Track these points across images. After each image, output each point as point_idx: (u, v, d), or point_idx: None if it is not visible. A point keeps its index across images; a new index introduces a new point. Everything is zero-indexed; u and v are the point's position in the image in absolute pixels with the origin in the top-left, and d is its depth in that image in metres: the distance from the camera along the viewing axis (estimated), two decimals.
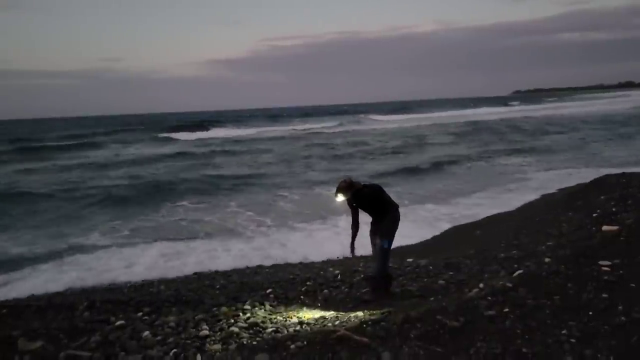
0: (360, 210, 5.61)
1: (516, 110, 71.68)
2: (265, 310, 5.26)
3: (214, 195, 16.69)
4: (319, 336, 4.03)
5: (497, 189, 15.18)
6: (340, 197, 5.48)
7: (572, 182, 14.22)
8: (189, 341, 4.26)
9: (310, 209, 13.64)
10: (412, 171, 20.03)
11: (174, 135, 45.37)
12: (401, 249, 8.69)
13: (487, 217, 11.76)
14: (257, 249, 10.30)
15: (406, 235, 10.33)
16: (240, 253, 10.06)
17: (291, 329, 4.47)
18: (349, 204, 5.58)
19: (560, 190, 13.09)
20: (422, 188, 16.34)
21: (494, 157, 23.00)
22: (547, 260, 5.51)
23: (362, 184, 5.60)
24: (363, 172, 20.12)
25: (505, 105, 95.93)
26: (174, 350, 4.08)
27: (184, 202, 15.58)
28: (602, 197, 8.95)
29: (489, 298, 4.50)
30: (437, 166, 21.06)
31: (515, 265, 5.85)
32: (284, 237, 11.20)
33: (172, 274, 8.89)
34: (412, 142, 32.40)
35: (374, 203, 5.56)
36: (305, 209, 13.80)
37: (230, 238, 11.22)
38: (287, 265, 9.04)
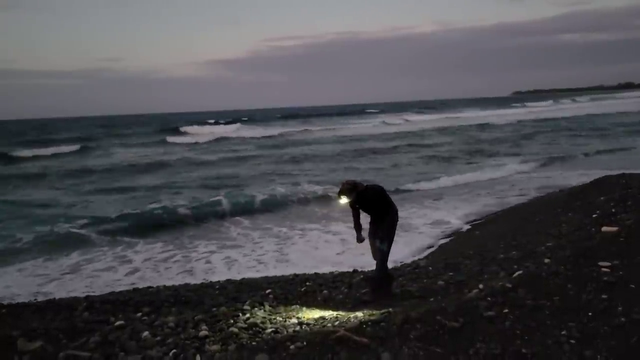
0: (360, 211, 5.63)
1: (545, 111, 68.54)
2: (264, 310, 5.25)
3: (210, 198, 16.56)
4: (318, 337, 4.03)
5: None
6: (344, 199, 5.47)
7: None
8: (188, 341, 4.25)
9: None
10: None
11: (176, 138, 43.94)
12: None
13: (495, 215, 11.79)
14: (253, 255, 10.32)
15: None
16: (233, 259, 10.10)
17: (291, 330, 4.47)
18: (351, 205, 5.58)
19: (560, 190, 13.10)
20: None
21: None
22: (546, 260, 5.51)
23: (365, 185, 5.59)
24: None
25: (525, 106, 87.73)
26: (174, 350, 4.08)
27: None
28: (601, 198, 8.94)
29: (489, 299, 4.50)
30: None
31: (515, 266, 5.85)
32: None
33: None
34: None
35: (376, 204, 5.57)
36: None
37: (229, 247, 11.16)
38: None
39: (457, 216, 12.32)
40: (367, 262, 7.68)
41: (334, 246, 10.37)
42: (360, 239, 5.71)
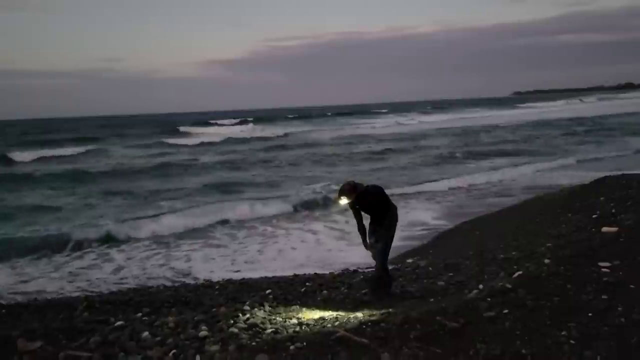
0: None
1: (557, 111, 67.40)
2: (264, 311, 5.25)
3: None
4: (318, 337, 4.03)
5: None
6: (344, 200, 5.47)
7: None
8: (188, 342, 4.24)
9: None
10: None
11: (184, 140, 42.49)
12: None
13: (486, 216, 11.87)
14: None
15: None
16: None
17: (290, 330, 4.46)
18: (351, 206, 5.57)
19: (560, 191, 13.10)
20: None
21: None
22: (546, 261, 5.50)
23: (365, 185, 5.59)
24: None
25: (533, 107, 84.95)
26: (173, 351, 4.07)
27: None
28: (601, 198, 8.94)
29: (489, 299, 4.49)
30: None
31: (515, 266, 5.84)
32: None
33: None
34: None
35: (376, 204, 5.57)
36: None
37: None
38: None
39: (434, 217, 12.62)
40: (365, 262, 7.75)
41: (310, 246, 10.87)
42: (367, 246, 5.69)
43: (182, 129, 55.34)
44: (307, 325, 4.64)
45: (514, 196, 14.52)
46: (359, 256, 9.19)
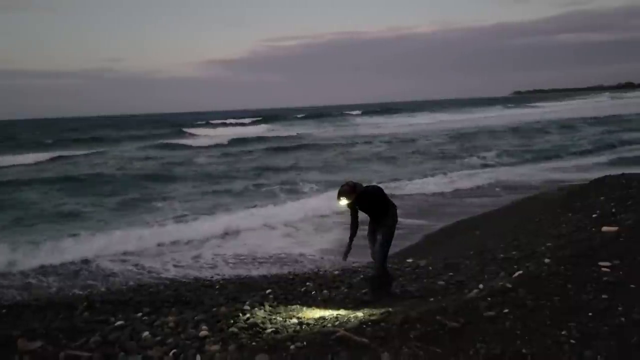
0: (359, 211, 5.64)
1: (568, 110, 65.43)
2: (264, 310, 5.25)
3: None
4: (318, 337, 4.03)
5: None
6: (344, 201, 5.49)
7: None
8: (188, 341, 4.25)
9: None
10: None
11: (193, 141, 41.39)
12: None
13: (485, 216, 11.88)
14: None
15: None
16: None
17: (291, 330, 4.46)
18: (350, 206, 5.59)
19: (560, 190, 13.08)
20: None
21: None
22: (546, 261, 5.51)
23: (365, 186, 5.62)
24: None
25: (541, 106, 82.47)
26: (174, 350, 4.07)
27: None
28: (601, 198, 8.94)
29: (489, 299, 4.50)
30: None
31: (515, 266, 5.85)
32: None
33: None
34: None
35: (375, 205, 5.58)
36: None
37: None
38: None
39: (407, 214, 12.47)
40: (365, 262, 7.74)
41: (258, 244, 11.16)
42: (345, 258, 5.76)
43: (190, 130, 53.60)
44: (308, 324, 4.64)
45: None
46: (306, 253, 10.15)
